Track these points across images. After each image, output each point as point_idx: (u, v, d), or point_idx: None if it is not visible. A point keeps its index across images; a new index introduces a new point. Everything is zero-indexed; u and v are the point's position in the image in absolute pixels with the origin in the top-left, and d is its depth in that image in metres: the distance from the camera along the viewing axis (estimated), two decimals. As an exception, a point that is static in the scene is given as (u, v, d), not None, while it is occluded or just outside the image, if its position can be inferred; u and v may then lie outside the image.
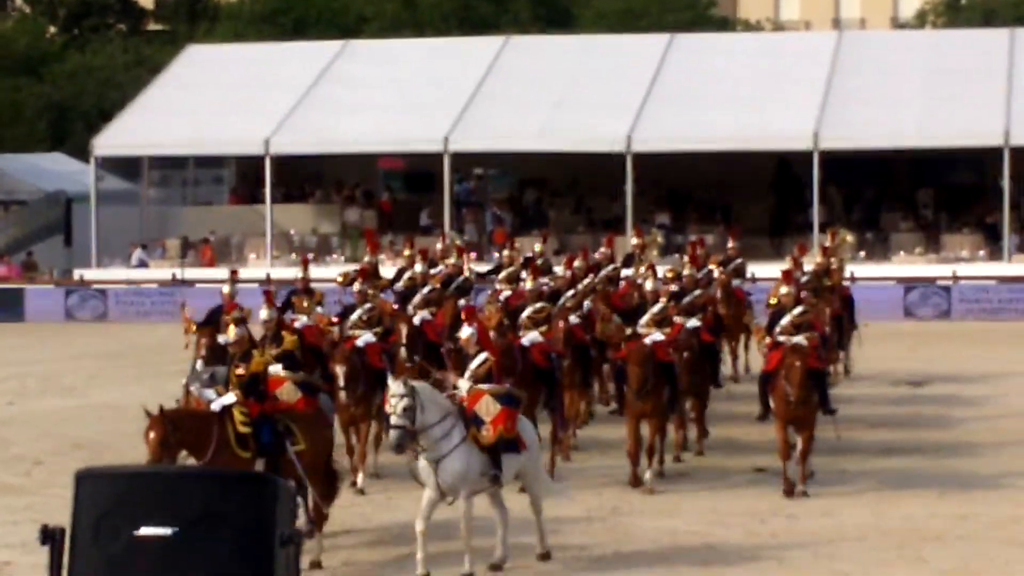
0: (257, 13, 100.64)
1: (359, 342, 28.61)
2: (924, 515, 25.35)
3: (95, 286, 61.56)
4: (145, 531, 8.50)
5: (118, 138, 66.26)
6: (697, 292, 32.30)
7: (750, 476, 27.44)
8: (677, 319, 29.36)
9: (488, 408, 20.93)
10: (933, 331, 52.14)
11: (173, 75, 70.83)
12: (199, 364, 27.69)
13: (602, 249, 39.85)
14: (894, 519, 25.16)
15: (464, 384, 21.83)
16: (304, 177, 67.74)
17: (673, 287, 31.93)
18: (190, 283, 55.73)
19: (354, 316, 30.30)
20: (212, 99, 66.25)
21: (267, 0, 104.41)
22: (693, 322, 30.19)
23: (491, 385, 21.56)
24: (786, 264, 35.41)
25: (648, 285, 31.28)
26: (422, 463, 20.85)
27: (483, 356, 22.29)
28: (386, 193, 69.50)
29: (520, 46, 70.27)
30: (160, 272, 62.08)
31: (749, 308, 36.58)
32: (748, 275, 41.28)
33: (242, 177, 69.87)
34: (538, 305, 29.59)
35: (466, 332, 23.34)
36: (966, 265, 59.17)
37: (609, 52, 70.26)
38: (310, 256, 50.98)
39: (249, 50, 76.78)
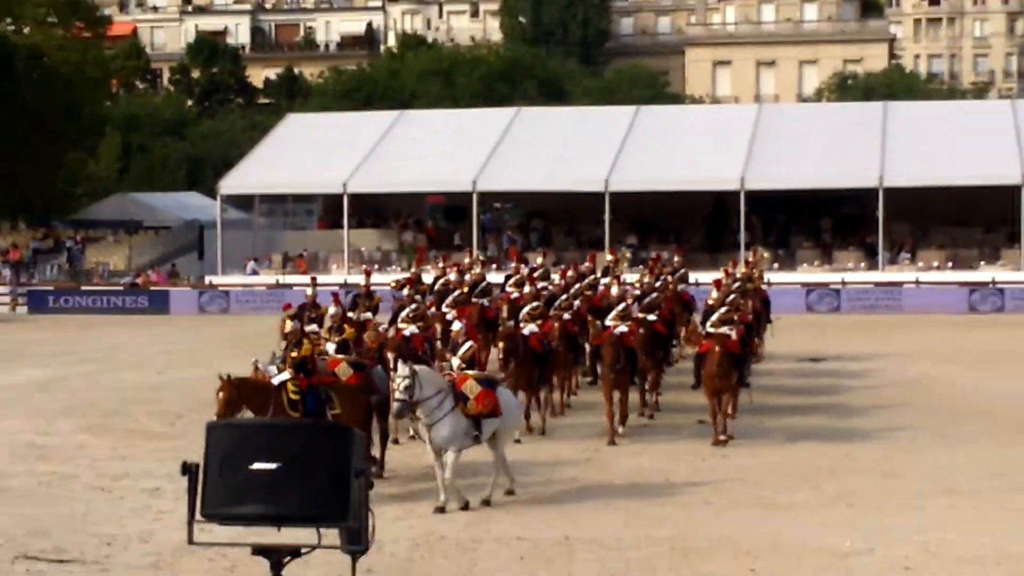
0: (338, 91, 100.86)
1: (406, 333, 28.35)
2: (820, 456, 25.48)
3: (220, 288, 61.70)
4: (257, 466, 8.64)
5: (237, 181, 66.56)
6: (654, 295, 32.20)
7: (694, 428, 27.54)
8: (639, 315, 29.50)
9: (471, 388, 21.02)
10: (827, 322, 52.18)
11: (277, 136, 71.06)
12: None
13: (586, 263, 39.89)
14: (799, 459, 25.28)
15: (455, 362, 22.18)
16: (371, 209, 67.80)
17: (636, 291, 32.34)
18: (288, 286, 55.74)
19: (403, 313, 30.15)
20: (305, 153, 66.34)
21: (345, 81, 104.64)
22: (651, 317, 30.27)
23: (475, 371, 21.92)
24: (719, 275, 35.59)
25: (614, 291, 31.69)
26: (421, 426, 21.19)
27: (469, 344, 23.00)
28: (431, 221, 69.66)
29: (528, 115, 70.53)
30: (267, 278, 62.21)
31: (692, 306, 36.52)
32: (691, 281, 41.27)
33: (327, 209, 69.91)
34: (534, 304, 29.61)
35: (456, 326, 24.13)
36: (851, 274, 59.38)
37: (593, 119, 70.56)
38: (374, 267, 51.09)
39: (332, 117, 77.11)
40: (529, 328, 28.26)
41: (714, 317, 28.25)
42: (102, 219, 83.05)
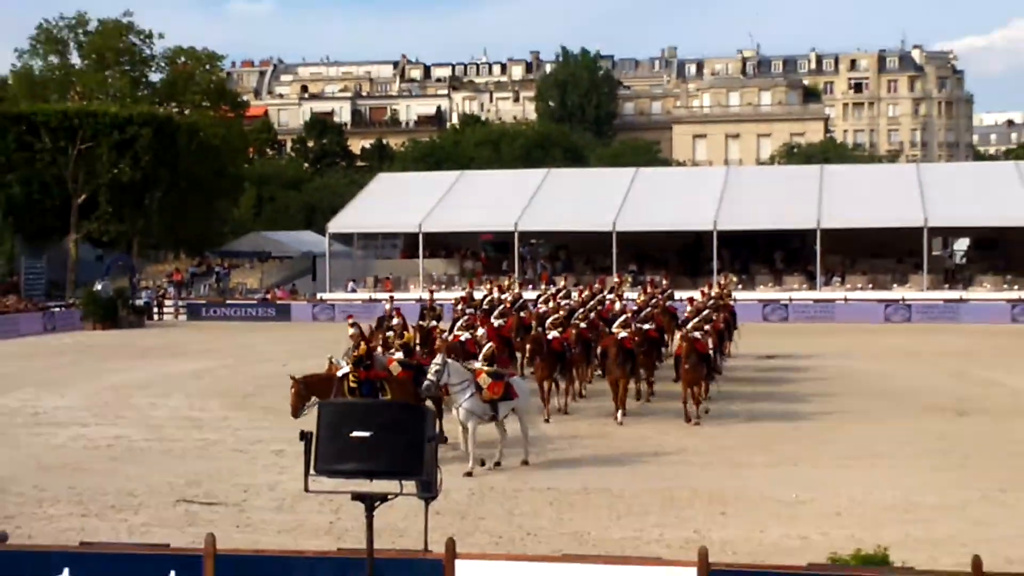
0: (415, 156, 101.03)
1: (461, 337, 28.12)
2: (773, 428, 25.40)
3: (328, 302, 61.82)
4: (355, 434, 8.65)
5: (341, 223, 66.67)
6: (648, 309, 32.06)
7: (680, 411, 27.38)
8: (637, 324, 29.30)
9: (484, 380, 21.08)
10: (778, 329, 51.98)
11: (370, 190, 71.12)
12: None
13: (597, 285, 39.66)
14: (757, 431, 25.21)
15: (477, 364, 22.03)
16: (440, 244, 67.83)
17: (635, 307, 32.23)
18: (378, 300, 55.75)
19: (459, 322, 30.23)
20: (391, 202, 66.38)
21: (420, 149, 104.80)
22: (646, 326, 30.09)
23: (488, 367, 21.69)
24: (697, 294, 35.41)
25: (617, 306, 31.87)
26: (453, 406, 21.21)
27: (489, 345, 23.40)
28: (483, 253, 69.64)
29: (556, 175, 70.29)
30: (363, 295, 62.25)
31: (677, 317, 36.27)
32: (676, 298, 40.92)
33: (407, 244, 69.89)
34: (556, 315, 29.59)
35: (479, 332, 24.55)
36: (796, 292, 59.07)
37: (605, 177, 70.45)
38: (441, 287, 51.17)
39: (411, 176, 77.05)
40: (552, 334, 28.08)
41: (689, 325, 28.21)
42: (242, 250, 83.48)
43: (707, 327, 29.16)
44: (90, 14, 79.04)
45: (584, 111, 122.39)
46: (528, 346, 27.02)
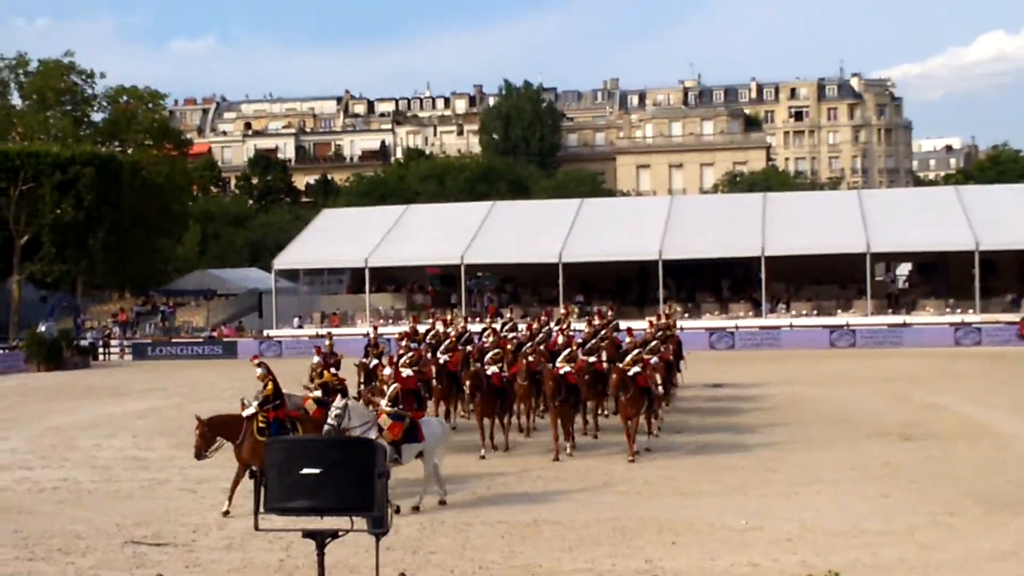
0: (360, 191, 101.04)
1: (404, 374, 26.82)
2: (721, 457, 25.46)
3: (275, 339, 61.61)
4: (305, 471, 8.62)
5: (286, 259, 66.62)
6: (593, 340, 31.87)
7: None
8: (581, 357, 28.40)
9: (385, 421, 20.44)
10: (725, 357, 52.27)
11: (315, 225, 71.21)
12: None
13: (542, 317, 39.30)
14: (705, 460, 25.26)
15: (382, 403, 21.18)
16: (387, 278, 67.79)
17: (579, 339, 31.88)
18: (327, 335, 55.60)
19: (402, 358, 28.97)
20: (336, 237, 66.48)
21: (365, 184, 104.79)
22: (592, 359, 29.25)
23: (389, 408, 20.77)
24: (644, 324, 35.35)
25: (560, 339, 31.48)
26: None
27: (395, 385, 21.76)
28: (431, 286, 69.68)
29: (501, 207, 70.77)
30: (310, 330, 62.07)
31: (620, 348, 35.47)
32: (623, 328, 40.27)
33: (353, 279, 69.88)
34: (495, 351, 28.56)
35: (387, 372, 23.17)
36: (742, 320, 59.56)
37: (549, 209, 70.89)
38: (388, 321, 50.84)
39: (356, 211, 77.19)
40: (491, 369, 27.33)
41: (628, 358, 27.14)
42: (187, 289, 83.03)
43: (654, 359, 28.65)
44: (30, 54, 78.85)
45: (528, 143, 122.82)
46: (468, 382, 26.44)
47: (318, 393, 23.21)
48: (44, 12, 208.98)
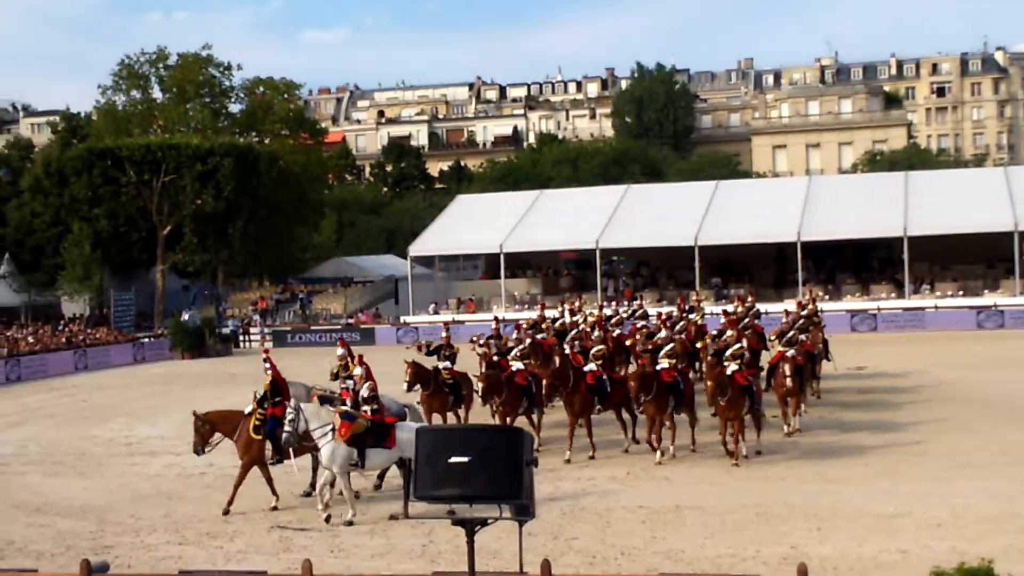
0: (493, 177, 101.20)
1: (514, 367, 25.92)
2: (867, 441, 25.00)
3: (411, 325, 62.10)
4: (453, 459, 8.66)
5: (422, 245, 67.09)
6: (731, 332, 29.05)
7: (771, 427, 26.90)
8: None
9: (336, 420, 19.62)
10: (867, 340, 51.35)
11: (449, 211, 71.56)
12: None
13: (678, 302, 38.21)
14: (851, 446, 24.85)
15: (347, 405, 20.25)
16: (521, 264, 68.03)
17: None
18: (461, 322, 55.97)
19: (515, 350, 27.61)
20: (471, 223, 66.79)
21: (498, 170, 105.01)
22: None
23: (343, 408, 19.87)
24: (784, 305, 34.49)
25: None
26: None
27: (368, 383, 20.57)
28: (565, 271, 69.73)
29: (635, 190, 70.33)
30: (445, 316, 62.45)
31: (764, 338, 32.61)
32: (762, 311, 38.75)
33: (488, 264, 70.25)
34: (598, 348, 26.47)
35: (357, 372, 21.61)
36: (884, 302, 58.46)
37: (685, 192, 70.26)
38: (524, 306, 50.85)
39: (490, 197, 77.31)
40: (517, 365, 25.97)
41: (727, 353, 24.70)
42: (324, 276, 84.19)
43: (790, 351, 26.83)
44: (170, 49, 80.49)
45: (661, 126, 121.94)
46: (482, 384, 24.78)
47: (349, 383, 22.27)
48: (181, 6, 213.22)
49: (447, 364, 26.89)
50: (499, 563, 14.66)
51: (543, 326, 32.87)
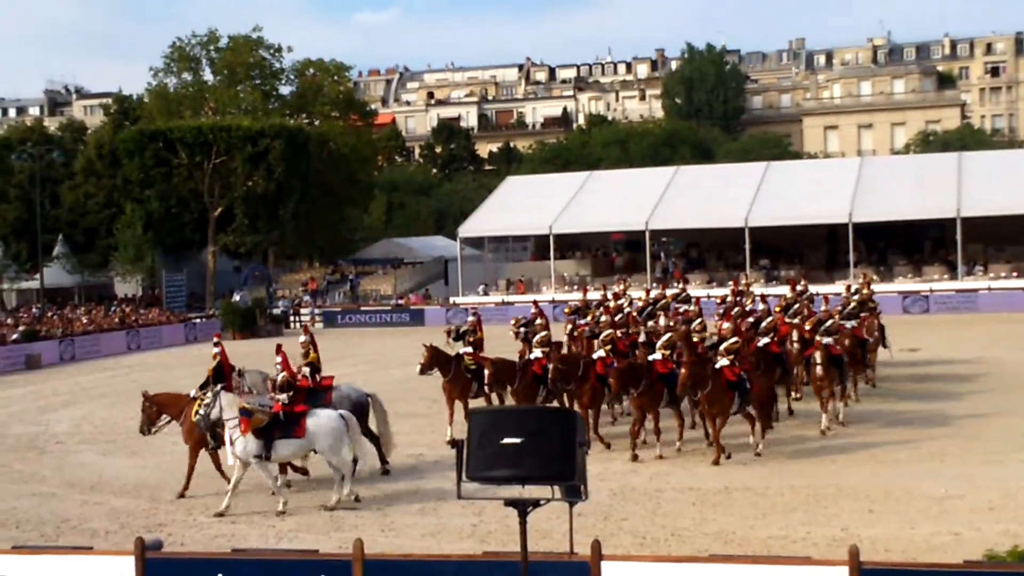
0: (543, 158, 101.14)
1: (531, 356, 24.66)
2: (918, 423, 24.82)
3: (461, 306, 62.10)
4: (506, 440, 8.66)
5: (471, 227, 67.09)
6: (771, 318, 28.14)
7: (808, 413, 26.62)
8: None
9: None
10: (920, 321, 50.93)
11: (499, 193, 71.51)
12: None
13: (731, 285, 36.87)
14: (902, 428, 24.66)
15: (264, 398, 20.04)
16: (570, 245, 67.97)
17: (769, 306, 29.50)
18: (511, 303, 56.08)
19: (536, 337, 25.60)
20: (520, 204, 66.70)
21: (548, 151, 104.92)
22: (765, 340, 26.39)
23: (244, 404, 19.23)
24: (835, 288, 33.94)
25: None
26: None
27: (283, 374, 20.38)
28: (614, 253, 69.56)
29: (685, 171, 70.07)
30: (495, 297, 62.62)
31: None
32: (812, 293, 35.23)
33: (537, 246, 70.18)
34: (543, 333, 25.55)
35: (277, 359, 21.03)
36: (937, 283, 57.98)
37: (733, 172, 69.86)
38: (573, 287, 50.71)
39: (539, 178, 77.23)
40: (536, 353, 24.57)
41: (723, 346, 22.77)
42: (374, 258, 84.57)
43: (827, 339, 25.31)
44: (221, 31, 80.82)
45: (711, 107, 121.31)
46: (488, 371, 23.82)
47: (306, 370, 22.45)
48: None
49: (469, 349, 25.95)
50: (549, 543, 14.69)
51: (587, 311, 31.41)
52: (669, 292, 34.58)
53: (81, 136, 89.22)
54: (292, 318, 65.18)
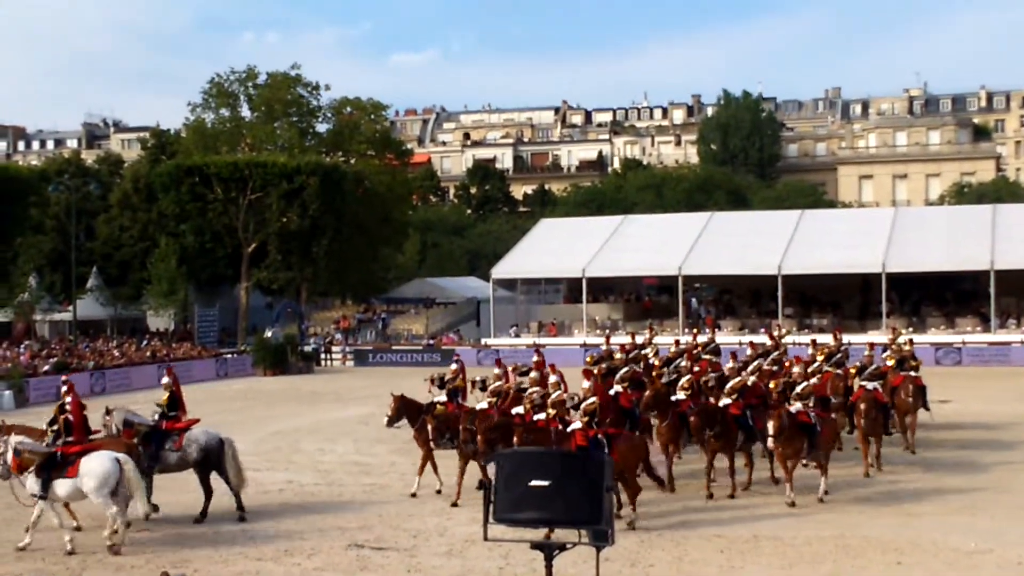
0: (577, 201, 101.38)
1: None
2: (949, 478, 24.67)
3: (493, 347, 62.14)
4: (534, 483, 8.70)
5: (504, 268, 67.20)
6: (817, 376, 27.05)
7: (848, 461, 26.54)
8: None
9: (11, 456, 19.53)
10: (952, 373, 50.59)
11: (533, 235, 71.65)
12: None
13: (763, 332, 36.93)
14: (932, 480, 24.51)
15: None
16: (603, 289, 68.04)
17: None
18: (543, 346, 55.88)
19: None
20: (554, 247, 66.82)
21: (582, 194, 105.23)
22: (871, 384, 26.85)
23: (18, 446, 19.49)
24: (868, 337, 33.98)
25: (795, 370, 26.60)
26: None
27: (64, 415, 20.56)
28: (647, 297, 69.55)
29: (720, 218, 70.07)
30: (526, 339, 62.58)
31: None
32: (845, 342, 34.15)
33: (570, 289, 70.11)
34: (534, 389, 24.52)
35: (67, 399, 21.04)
36: (969, 335, 57.70)
37: (767, 220, 69.75)
38: (606, 331, 50.84)
39: (573, 221, 77.43)
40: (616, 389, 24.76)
41: (798, 389, 23.05)
42: (406, 297, 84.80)
43: (873, 384, 26.17)
44: (259, 68, 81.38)
45: (747, 153, 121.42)
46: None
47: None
48: (273, 27, 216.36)
49: (443, 399, 25.38)
50: (574, 588, 14.68)
51: (615, 356, 30.07)
52: (700, 339, 34.36)
53: (118, 169, 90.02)
54: (323, 356, 65.35)
